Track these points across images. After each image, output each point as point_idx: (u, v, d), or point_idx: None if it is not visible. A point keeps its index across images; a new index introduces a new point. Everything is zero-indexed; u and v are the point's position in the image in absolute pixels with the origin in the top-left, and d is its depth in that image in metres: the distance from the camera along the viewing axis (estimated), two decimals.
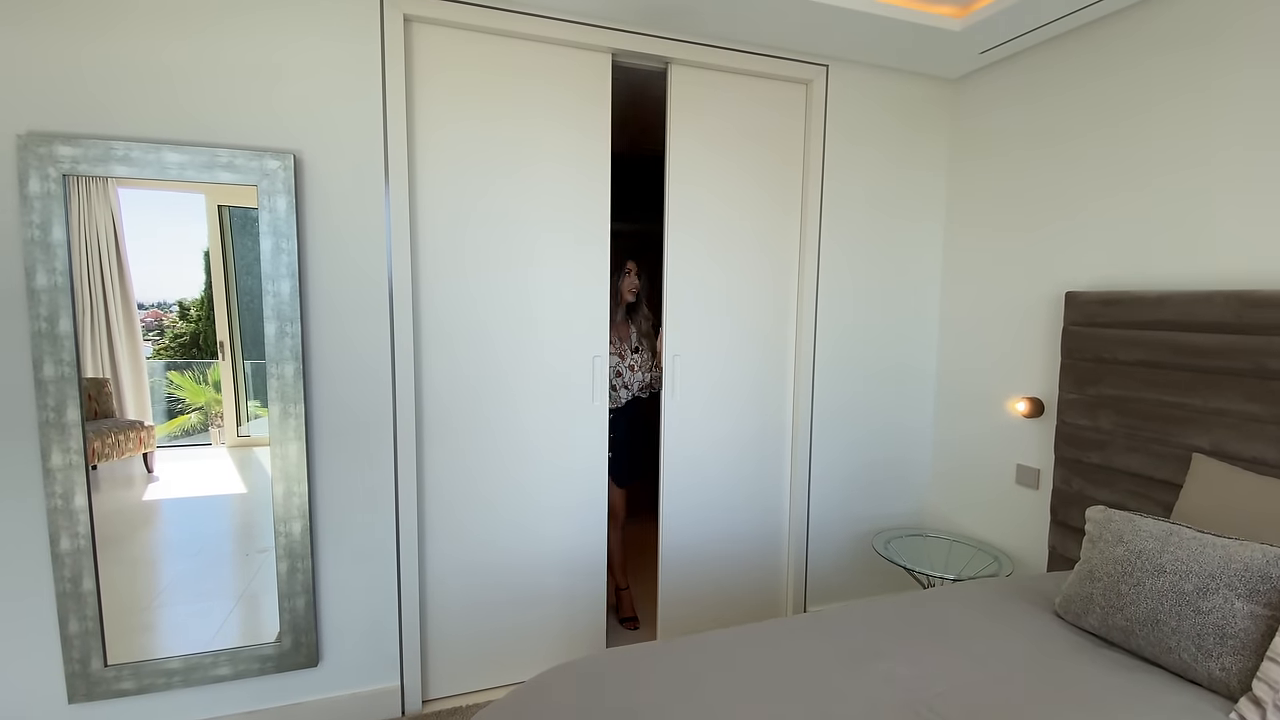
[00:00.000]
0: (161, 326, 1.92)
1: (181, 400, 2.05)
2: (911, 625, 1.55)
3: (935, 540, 2.47)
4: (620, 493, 2.60)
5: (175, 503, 2.19)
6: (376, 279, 1.89)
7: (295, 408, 1.80)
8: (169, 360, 1.98)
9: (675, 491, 2.36)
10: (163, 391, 2.03)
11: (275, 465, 1.80)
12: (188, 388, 2.06)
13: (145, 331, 1.91)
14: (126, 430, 1.93)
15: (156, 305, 1.89)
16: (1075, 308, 2.00)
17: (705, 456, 2.39)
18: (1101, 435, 1.93)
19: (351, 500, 1.93)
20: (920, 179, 2.53)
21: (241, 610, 2.28)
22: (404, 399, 1.95)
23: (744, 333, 2.39)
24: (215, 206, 1.88)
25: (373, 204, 1.87)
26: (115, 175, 1.64)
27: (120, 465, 1.95)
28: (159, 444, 2.02)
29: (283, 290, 1.76)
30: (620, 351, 2.50)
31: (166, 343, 1.94)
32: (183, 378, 2.03)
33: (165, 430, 2.04)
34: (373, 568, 1.97)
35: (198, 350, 1.96)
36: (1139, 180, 1.90)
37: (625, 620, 2.63)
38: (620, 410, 2.53)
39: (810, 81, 2.33)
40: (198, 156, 1.68)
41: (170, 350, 1.96)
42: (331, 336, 1.86)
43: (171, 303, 1.91)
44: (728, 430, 2.41)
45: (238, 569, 2.46)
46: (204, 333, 1.94)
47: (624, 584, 2.68)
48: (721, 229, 2.31)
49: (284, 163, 1.74)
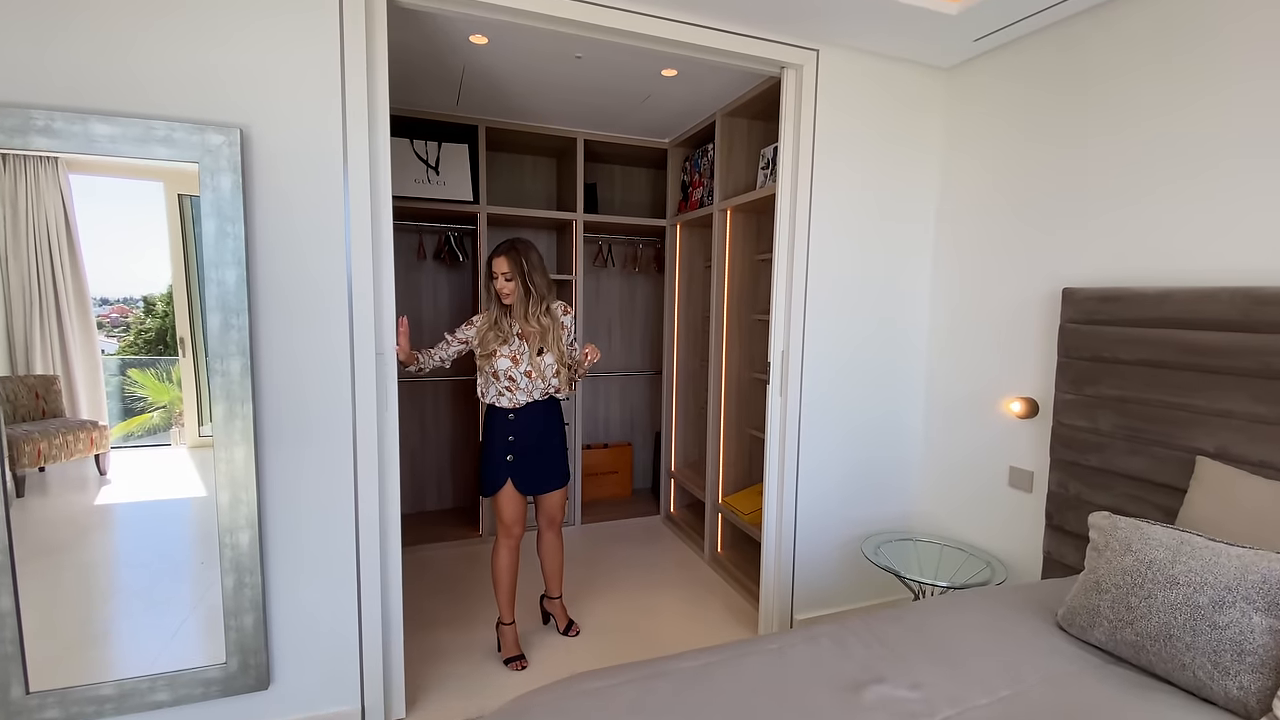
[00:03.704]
0: (127, 323, 1.83)
1: (144, 399, 1.97)
2: (909, 643, 1.45)
3: (924, 545, 2.39)
4: (517, 500, 2.28)
5: (129, 507, 2.08)
6: (333, 268, 1.74)
7: (242, 407, 1.64)
8: (131, 357, 1.90)
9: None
10: (122, 390, 1.94)
11: (220, 470, 1.64)
12: (150, 386, 1.96)
13: (110, 328, 1.83)
14: (77, 430, 1.83)
15: (121, 301, 1.81)
16: (1073, 305, 1.93)
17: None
18: (1100, 437, 1.86)
19: (306, 508, 1.77)
20: (910, 171, 2.44)
21: (195, 624, 2.15)
22: (364, 397, 1.80)
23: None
24: (175, 195, 1.77)
25: (329, 186, 1.71)
26: (34, 149, 1.46)
27: (71, 467, 1.86)
28: (117, 444, 1.92)
29: (227, 279, 1.60)
30: (514, 355, 2.18)
31: (132, 339, 1.85)
32: (145, 376, 1.94)
33: (124, 429, 1.95)
34: (330, 580, 1.82)
35: (164, 347, 1.88)
36: (1139, 173, 1.82)
37: (510, 660, 2.29)
38: (521, 411, 2.24)
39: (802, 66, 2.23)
40: (130, 129, 1.51)
41: (136, 347, 1.88)
42: (283, 330, 1.71)
43: (138, 298, 1.83)
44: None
45: (193, 579, 2.33)
46: (170, 329, 1.86)
47: (508, 618, 2.33)
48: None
49: (228, 138, 1.57)
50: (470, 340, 2.27)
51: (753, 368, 3.15)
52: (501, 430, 2.25)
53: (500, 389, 2.22)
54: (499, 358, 2.20)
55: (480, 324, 2.26)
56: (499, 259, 2.19)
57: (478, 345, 2.24)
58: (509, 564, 2.30)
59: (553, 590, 2.53)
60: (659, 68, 2.49)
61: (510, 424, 2.25)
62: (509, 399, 2.23)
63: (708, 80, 2.63)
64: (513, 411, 2.25)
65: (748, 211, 3.02)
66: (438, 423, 3.74)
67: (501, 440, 2.25)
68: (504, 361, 2.20)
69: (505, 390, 2.22)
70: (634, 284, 4.13)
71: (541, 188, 3.81)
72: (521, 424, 2.26)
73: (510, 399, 2.23)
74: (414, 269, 3.57)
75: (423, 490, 3.74)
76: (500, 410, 2.25)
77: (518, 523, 2.28)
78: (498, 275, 2.20)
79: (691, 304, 3.64)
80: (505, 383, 2.22)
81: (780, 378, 2.36)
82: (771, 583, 2.44)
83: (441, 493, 3.79)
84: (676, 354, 3.66)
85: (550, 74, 2.59)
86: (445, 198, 3.14)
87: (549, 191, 3.83)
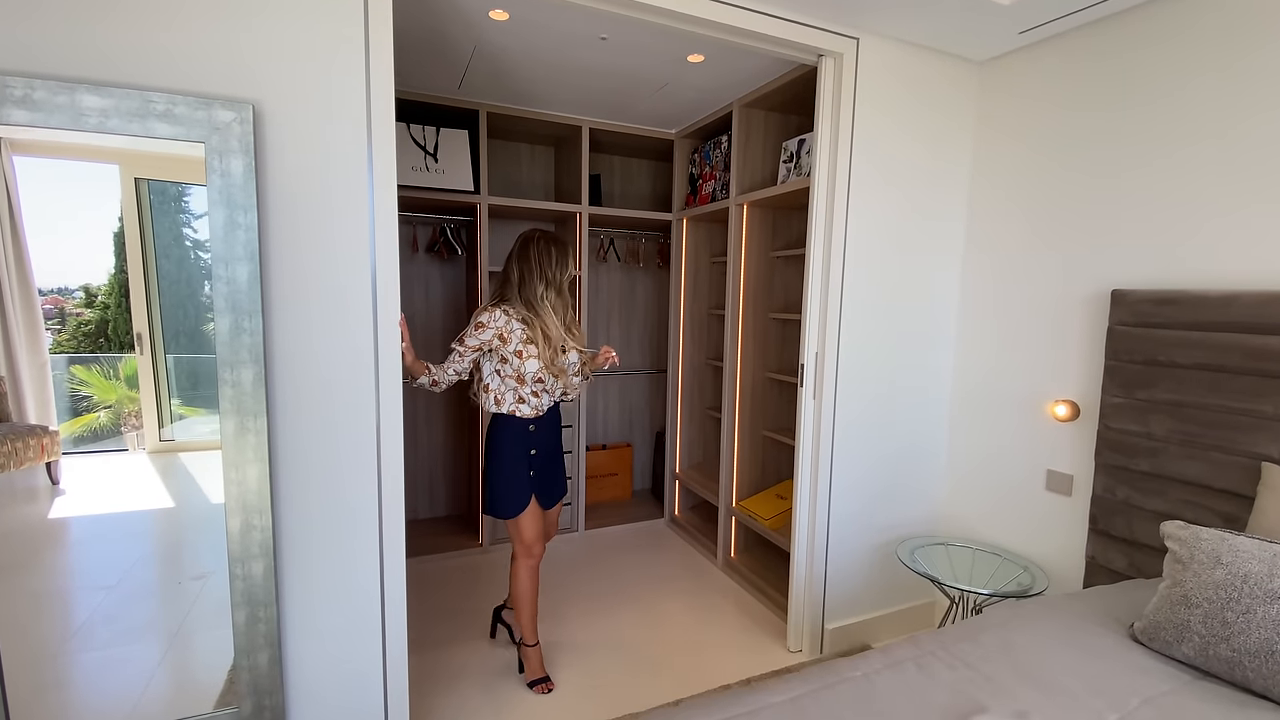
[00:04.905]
0: (63, 314, 1.72)
1: (88, 398, 1.85)
2: (995, 664, 1.37)
3: (957, 549, 2.35)
4: (540, 517, 2.12)
5: (87, 521, 1.93)
6: (356, 264, 1.56)
7: (255, 422, 1.45)
8: (72, 353, 1.78)
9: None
10: (65, 388, 1.82)
11: (230, 493, 1.45)
12: (95, 384, 1.84)
13: (45, 320, 1.69)
14: (25, 436, 1.70)
15: (56, 291, 1.70)
16: (1124, 307, 1.89)
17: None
18: (1153, 441, 1.83)
19: (325, 531, 1.59)
20: (942, 167, 2.38)
21: (176, 655, 1.96)
22: (388, 408, 1.62)
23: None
24: (131, 179, 1.65)
25: (352, 172, 1.53)
26: (13, 123, 1.24)
27: (20, 476, 1.72)
28: (69, 450, 1.80)
29: (239, 276, 1.41)
30: (546, 355, 2.02)
31: (69, 333, 1.74)
32: (89, 373, 1.83)
33: (68, 430, 1.83)
34: (351, 610, 1.65)
35: (105, 341, 1.76)
36: (1196, 169, 1.79)
37: (536, 683, 2.12)
38: (541, 419, 2.10)
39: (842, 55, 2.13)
40: (125, 101, 1.30)
41: (74, 342, 1.76)
42: (300, 333, 1.52)
43: (75, 288, 1.71)
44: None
45: (168, 601, 2.13)
46: (113, 322, 1.74)
47: (532, 640, 2.15)
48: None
49: (240, 115, 1.38)
50: (487, 344, 2.01)
51: (767, 367, 3.07)
52: (523, 443, 2.06)
53: (525, 394, 2.03)
54: (528, 359, 1.99)
55: (498, 323, 1.98)
56: (570, 257, 2.09)
57: (503, 347, 2.00)
58: (533, 586, 2.14)
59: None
60: (686, 52, 2.35)
61: (531, 435, 2.07)
62: (533, 405, 2.05)
63: (732, 69, 2.51)
64: (534, 421, 2.07)
65: (765, 207, 2.92)
66: (430, 425, 3.54)
67: (523, 454, 2.06)
68: (534, 363, 1.99)
69: (531, 395, 2.04)
70: (634, 279, 4.00)
71: (539, 178, 3.63)
72: (541, 434, 2.10)
73: (535, 405, 2.05)
74: (406, 263, 3.35)
75: (414, 496, 3.53)
76: (519, 420, 2.04)
77: (539, 540, 2.12)
78: (570, 268, 2.08)
79: (697, 300, 3.53)
80: (533, 386, 2.03)
81: (814, 380, 2.27)
82: (802, 593, 2.36)
83: (434, 500, 3.59)
84: (682, 351, 3.54)
85: (568, 56, 2.42)
86: (445, 187, 2.93)
87: (546, 182, 3.65)
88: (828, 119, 2.18)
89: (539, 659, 2.17)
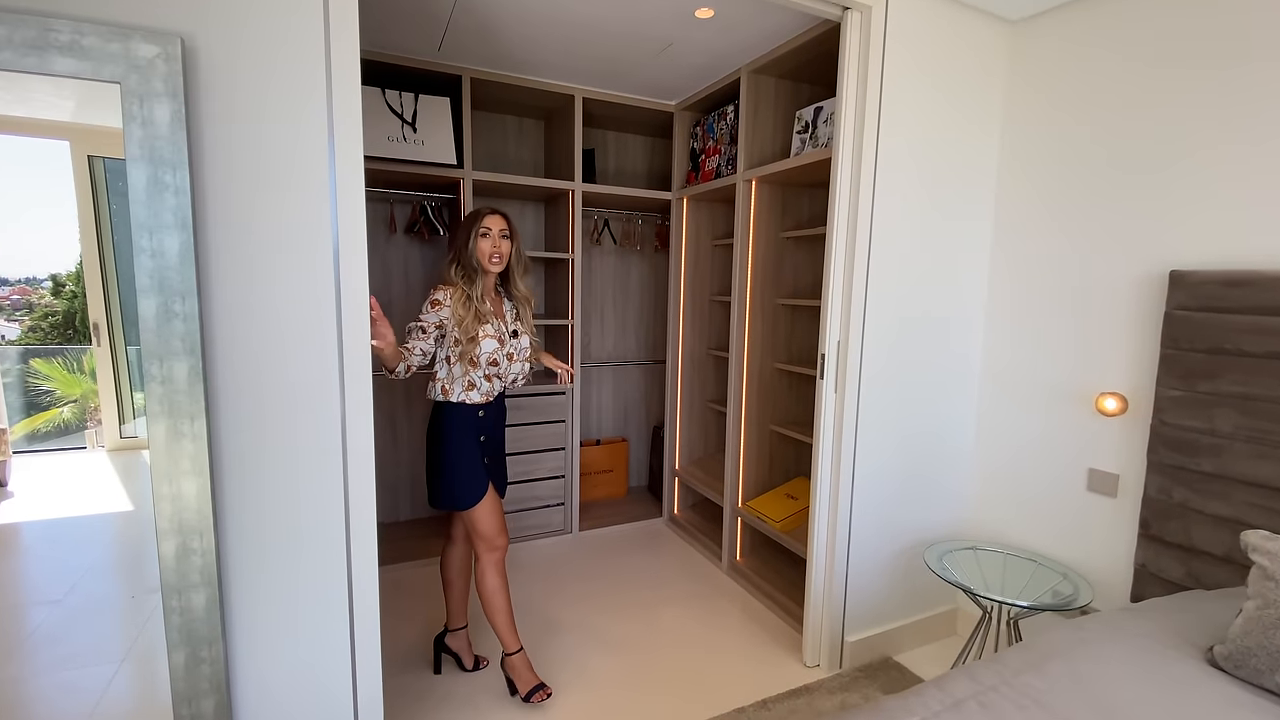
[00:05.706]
0: (30, 305, 1.68)
1: (51, 393, 1.78)
2: (1066, 699, 1.18)
3: (988, 554, 2.16)
4: (499, 505, 1.96)
5: (38, 526, 1.84)
6: (317, 236, 1.31)
7: (192, 425, 1.21)
8: (34, 345, 1.74)
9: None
10: (24, 383, 1.77)
11: (162, 511, 1.20)
12: (59, 378, 1.78)
13: (11, 312, 1.68)
14: None
15: (23, 281, 1.67)
16: (1184, 289, 1.70)
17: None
18: (1217, 439, 1.65)
19: (280, 553, 1.35)
20: (971, 136, 2.16)
21: (127, 676, 1.76)
22: (355, 405, 1.39)
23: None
24: (84, 156, 1.55)
25: (308, 126, 1.28)
26: None
27: None
28: (20, 448, 1.74)
29: (167, 248, 1.16)
30: (499, 335, 1.91)
31: (35, 324, 1.70)
32: (52, 366, 1.77)
33: (28, 427, 1.77)
34: (315, 640, 1.42)
35: (73, 332, 1.71)
36: (1275, 135, 1.59)
37: (532, 693, 1.91)
38: (490, 405, 1.96)
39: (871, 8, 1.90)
40: (17, 30, 1.04)
41: (40, 333, 1.72)
42: (247, 319, 1.27)
43: (43, 278, 1.67)
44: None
45: (122, 617, 1.96)
46: (80, 312, 1.68)
47: (514, 646, 1.96)
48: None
49: (165, 49, 1.12)
50: (442, 323, 1.85)
51: (776, 357, 2.86)
52: (473, 429, 1.91)
53: (476, 379, 1.88)
54: (484, 339, 1.86)
55: (450, 301, 1.84)
56: (494, 216, 1.89)
57: (455, 328, 1.84)
58: (503, 584, 1.95)
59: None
60: (694, 6, 2.11)
61: (481, 421, 1.93)
62: (483, 391, 1.90)
63: (743, 26, 2.27)
64: (483, 408, 1.92)
65: (776, 183, 2.70)
66: (410, 419, 3.29)
67: (474, 441, 1.91)
68: (490, 343, 1.87)
69: (483, 380, 1.89)
70: (629, 263, 3.76)
71: (528, 155, 3.37)
72: (490, 420, 1.97)
73: (485, 391, 1.91)
74: (385, 245, 3.08)
75: (395, 498, 3.29)
76: (468, 407, 1.90)
77: (502, 532, 1.94)
78: (490, 231, 1.87)
79: (698, 286, 3.30)
80: (486, 369, 1.88)
81: (836, 372, 2.06)
82: (820, 602, 2.17)
83: (417, 500, 3.35)
84: (681, 341, 3.32)
85: (563, 9, 2.16)
86: (425, 159, 2.67)
87: (535, 158, 3.39)
88: (853, 82, 1.95)
89: (527, 665, 1.96)
